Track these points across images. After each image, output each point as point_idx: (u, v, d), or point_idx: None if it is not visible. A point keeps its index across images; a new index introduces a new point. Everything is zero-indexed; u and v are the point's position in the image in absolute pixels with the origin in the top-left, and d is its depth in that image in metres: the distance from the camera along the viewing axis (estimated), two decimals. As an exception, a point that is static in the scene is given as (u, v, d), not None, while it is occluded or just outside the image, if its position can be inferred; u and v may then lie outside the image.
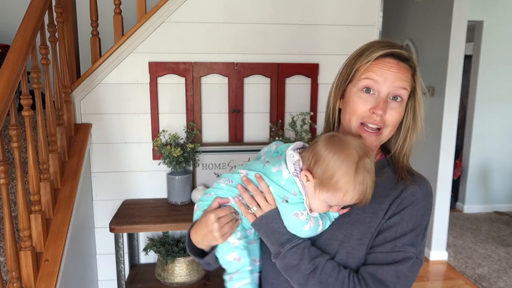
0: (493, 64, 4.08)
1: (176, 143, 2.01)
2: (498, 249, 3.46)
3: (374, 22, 2.15)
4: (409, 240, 0.82)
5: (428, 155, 3.26)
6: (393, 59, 0.86)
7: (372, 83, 0.85)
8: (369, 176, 0.80)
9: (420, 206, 0.85)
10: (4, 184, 1.32)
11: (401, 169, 0.89)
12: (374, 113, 0.84)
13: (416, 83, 0.89)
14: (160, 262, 2.01)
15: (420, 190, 0.86)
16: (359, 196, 0.80)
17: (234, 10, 2.07)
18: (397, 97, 0.85)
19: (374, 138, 0.86)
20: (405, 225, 0.83)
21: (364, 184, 0.79)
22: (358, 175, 0.78)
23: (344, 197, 0.80)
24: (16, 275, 1.39)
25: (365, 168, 0.79)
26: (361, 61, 0.87)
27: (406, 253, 0.82)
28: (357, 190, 0.79)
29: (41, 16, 1.61)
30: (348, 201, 0.81)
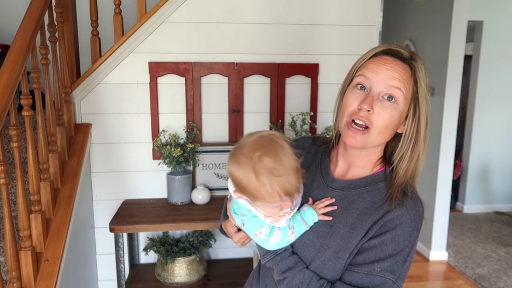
0: (493, 64, 4.08)
1: (176, 143, 2.01)
2: (498, 249, 3.46)
3: (374, 22, 2.15)
4: (388, 266, 0.79)
5: (428, 155, 3.23)
6: (389, 57, 0.82)
7: (364, 80, 0.82)
8: (273, 172, 0.75)
9: (403, 231, 0.80)
10: (4, 184, 1.32)
11: (395, 186, 0.83)
12: (361, 109, 0.80)
13: (418, 86, 0.82)
14: (160, 262, 2.01)
15: (407, 213, 0.80)
16: (281, 193, 0.77)
17: (234, 10, 2.07)
18: (391, 98, 0.80)
19: (360, 136, 0.81)
20: (385, 249, 0.79)
21: (272, 183, 0.76)
22: (260, 178, 0.76)
23: (269, 200, 0.78)
24: (16, 275, 1.39)
25: (264, 168, 0.75)
26: (360, 60, 0.86)
27: (383, 278, 0.78)
28: (272, 191, 0.76)
29: (41, 16, 1.61)
30: (277, 200, 0.78)
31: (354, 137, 0.82)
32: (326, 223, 0.86)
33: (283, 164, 0.77)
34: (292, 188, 0.78)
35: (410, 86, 0.82)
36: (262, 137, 0.80)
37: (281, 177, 0.76)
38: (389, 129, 0.82)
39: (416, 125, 0.83)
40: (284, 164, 0.77)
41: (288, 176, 0.77)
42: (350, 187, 0.88)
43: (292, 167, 0.77)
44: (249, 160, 0.76)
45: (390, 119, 0.80)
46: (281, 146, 0.79)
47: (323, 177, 0.93)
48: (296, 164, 0.78)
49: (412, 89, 0.82)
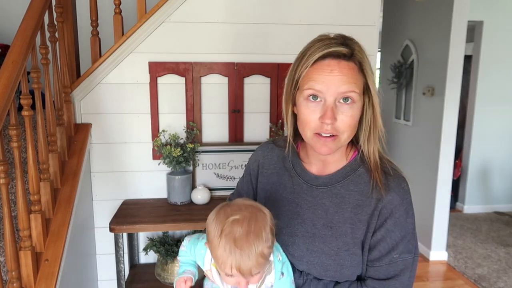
0: (493, 64, 4.08)
1: (176, 143, 2.01)
2: (498, 249, 3.46)
3: (374, 22, 2.15)
4: (403, 248, 0.84)
5: (428, 155, 3.26)
6: (333, 60, 0.79)
7: (315, 92, 0.79)
8: (236, 243, 0.75)
9: (400, 212, 0.84)
10: (4, 184, 1.32)
11: (374, 170, 0.85)
12: (323, 123, 0.79)
13: (367, 76, 0.82)
14: (160, 262, 2.01)
15: (396, 195, 0.84)
16: (233, 266, 0.76)
17: (234, 10, 2.07)
18: (347, 99, 0.79)
19: (332, 143, 0.81)
20: (394, 236, 0.84)
21: (229, 251, 0.75)
22: (222, 240, 0.76)
23: (220, 266, 0.79)
24: (16, 275, 1.39)
25: (230, 233, 0.76)
26: (301, 66, 0.82)
27: (404, 261, 0.84)
28: (225, 258, 0.76)
29: (41, 16, 1.60)
30: (227, 271, 0.78)
31: (326, 145, 0.82)
32: (326, 226, 0.87)
33: (250, 242, 0.75)
34: (245, 269, 0.76)
35: (361, 81, 0.81)
36: (253, 208, 0.80)
37: (240, 251, 0.75)
38: (354, 128, 0.83)
39: (372, 110, 0.84)
40: (250, 243, 0.75)
41: (248, 255, 0.75)
42: (333, 181, 0.89)
43: (257, 252, 0.76)
44: (224, 218, 0.77)
45: (353, 119, 0.81)
46: (262, 228, 0.78)
47: (303, 179, 0.93)
48: (263, 252, 0.77)
49: (363, 81, 0.82)
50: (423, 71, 3.35)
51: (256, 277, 0.80)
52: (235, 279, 0.80)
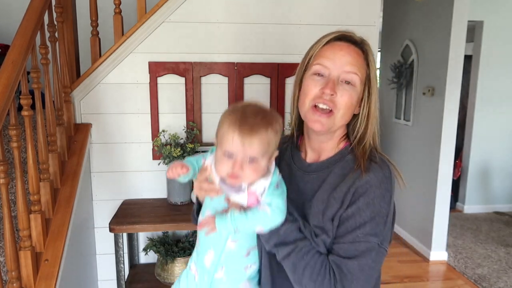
0: (493, 64, 4.08)
1: (176, 143, 2.01)
2: (498, 249, 3.45)
3: (374, 22, 2.15)
4: (370, 230, 0.82)
5: (428, 155, 3.26)
6: (344, 42, 0.87)
7: (322, 68, 0.86)
8: (238, 111, 0.81)
9: (375, 193, 0.83)
10: (4, 184, 1.32)
11: (361, 157, 0.87)
12: (324, 93, 0.84)
13: (370, 68, 0.88)
14: (160, 262, 2.01)
15: (374, 177, 0.84)
16: (234, 134, 0.78)
17: (234, 10, 2.07)
18: (349, 82, 0.85)
19: (326, 119, 0.85)
20: (363, 214, 0.82)
21: (234, 117, 0.80)
22: (230, 115, 0.80)
23: (220, 141, 0.81)
24: (15, 275, 1.39)
25: (239, 111, 0.81)
26: (314, 48, 0.89)
27: (368, 243, 0.81)
28: (228, 121, 0.80)
29: (41, 16, 1.61)
30: (228, 140, 0.79)
31: (319, 121, 0.85)
32: (306, 205, 0.88)
33: (258, 119, 0.79)
34: (247, 139, 0.78)
35: (364, 69, 0.87)
36: (272, 111, 0.85)
37: (246, 123, 0.78)
38: (350, 110, 0.87)
39: (368, 104, 0.88)
40: (258, 120, 0.79)
41: (252, 128, 0.78)
42: (323, 167, 0.91)
43: (263, 129, 0.79)
44: (236, 105, 0.84)
45: (351, 101, 0.85)
46: (273, 116, 0.82)
47: (297, 166, 0.96)
48: (268, 133, 0.80)
49: (366, 72, 0.87)
50: (423, 71, 3.35)
51: (251, 167, 0.80)
52: (231, 163, 0.80)
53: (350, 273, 0.80)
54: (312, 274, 0.81)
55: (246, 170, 0.80)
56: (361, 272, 0.80)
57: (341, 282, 0.79)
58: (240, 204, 0.84)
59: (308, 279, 0.81)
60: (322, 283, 0.80)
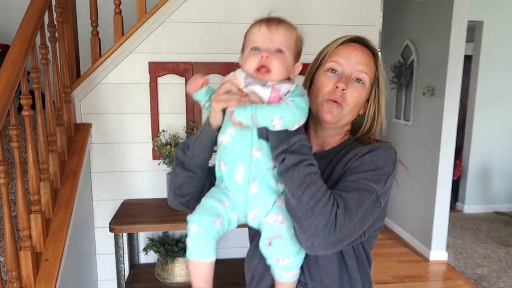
0: (493, 64, 4.08)
1: (176, 143, 2.01)
2: (498, 249, 3.46)
3: (374, 22, 2.15)
4: (372, 177, 0.83)
5: (428, 155, 3.26)
6: (357, 44, 0.95)
7: (336, 65, 0.92)
8: (264, 18, 0.94)
9: (380, 153, 0.87)
10: (4, 184, 1.32)
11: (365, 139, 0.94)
12: (337, 88, 0.89)
13: (379, 71, 0.94)
14: (160, 262, 2.01)
15: (378, 145, 0.90)
16: (257, 22, 0.92)
17: (234, 10, 2.07)
18: (359, 80, 0.91)
19: (336, 109, 0.89)
20: (366, 166, 0.85)
21: (263, 21, 0.93)
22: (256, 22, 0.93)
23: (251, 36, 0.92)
24: (16, 275, 1.39)
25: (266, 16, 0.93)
26: (329, 47, 0.97)
27: (368, 186, 0.82)
28: (254, 24, 0.92)
29: (41, 16, 1.61)
30: (255, 32, 0.92)
31: (331, 112, 0.89)
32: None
33: (283, 19, 0.91)
34: (249, 33, 0.93)
35: (373, 71, 0.93)
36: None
37: (272, 18, 0.90)
38: (357, 107, 0.92)
39: (376, 106, 0.94)
40: (283, 19, 0.92)
41: (278, 20, 0.91)
42: (329, 154, 0.95)
43: (288, 23, 0.94)
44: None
45: (359, 98, 0.91)
46: (296, 30, 0.96)
47: None
48: (293, 27, 0.94)
49: (375, 73, 0.94)
50: (423, 71, 3.35)
51: (278, 57, 0.85)
52: (258, 56, 0.84)
53: (349, 203, 0.79)
54: (316, 192, 0.78)
55: (274, 59, 0.84)
56: (359, 206, 0.80)
57: (342, 209, 0.78)
58: (261, 99, 0.83)
59: (310, 196, 0.78)
60: (325, 204, 0.77)
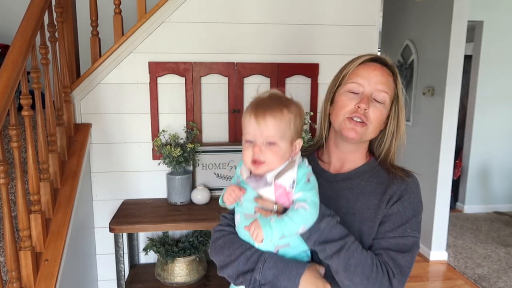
0: (493, 64, 4.08)
1: (176, 143, 2.01)
2: (498, 249, 3.46)
3: (374, 22, 2.15)
4: (415, 226, 0.90)
5: (428, 155, 3.26)
6: (377, 64, 0.96)
7: (357, 86, 0.94)
8: (256, 97, 0.88)
9: (415, 194, 0.93)
10: (4, 184, 1.32)
11: (393, 168, 0.97)
12: (359, 107, 0.91)
13: (398, 88, 0.97)
14: (160, 262, 2.01)
15: (412, 182, 0.94)
16: (248, 108, 0.86)
17: (234, 10, 2.07)
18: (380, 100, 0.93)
19: (360, 128, 0.92)
20: (407, 212, 0.90)
21: (251, 103, 0.87)
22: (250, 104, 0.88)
23: (244, 127, 0.87)
24: (15, 275, 1.39)
25: (259, 97, 0.88)
26: (349, 66, 0.98)
27: (415, 238, 0.89)
28: (247, 108, 0.87)
29: (41, 16, 1.60)
30: (246, 122, 0.86)
31: (354, 129, 0.92)
32: (348, 213, 0.92)
33: (273, 100, 0.86)
34: (243, 119, 0.86)
35: (393, 89, 0.96)
36: (291, 98, 0.91)
37: (262, 103, 0.85)
38: (379, 125, 0.95)
39: (396, 121, 0.97)
40: (273, 100, 0.86)
41: (267, 105, 0.84)
42: (353, 176, 0.97)
43: (277, 107, 0.84)
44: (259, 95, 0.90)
45: (381, 116, 0.94)
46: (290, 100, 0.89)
47: (321, 177, 0.98)
48: (284, 109, 0.84)
49: (394, 91, 0.96)
50: (423, 71, 3.35)
51: (271, 150, 0.83)
52: (251, 149, 0.84)
53: (404, 266, 0.86)
54: (364, 270, 0.83)
55: (266, 152, 0.84)
56: (410, 266, 0.87)
57: (398, 276, 0.84)
58: (270, 201, 0.85)
59: (360, 277, 0.83)
60: (376, 279, 0.83)
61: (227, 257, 0.92)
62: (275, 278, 0.85)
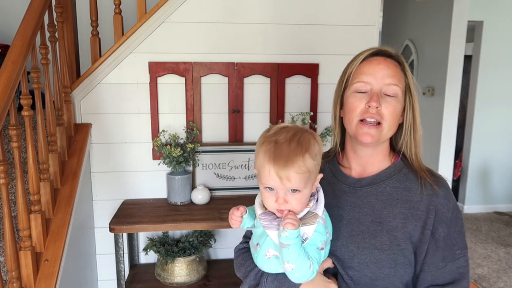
0: (493, 64, 4.08)
1: (176, 143, 2.01)
2: (498, 249, 3.46)
3: (374, 22, 2.15)
4: (461, 243, 0.86)
5: (428, 155, 3.26)
6: (380, 57, 0.90)
7: (363, 85, 0.88)
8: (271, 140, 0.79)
9: (454, 207, 0.88)
10: (4, 184, 1.32)
11: (420, 170, 0.91)
12: (369, 107, 0.86)
13: (408, 77, 0.91)
14: (160, 262, 2.01)
15: (446, 190, 0.89)
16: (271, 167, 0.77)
17: (234, 10, 2.07)
18: (390, 95, 0.87)
19: (375, 130, 0.86)
20: (453, 231, 0.86)
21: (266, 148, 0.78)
22: (263, 145, 0.80)
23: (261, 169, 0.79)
24: (16, 275, 1.39)
25: (273, 139, 0.79)
26: (351, 66, 0.92)
27: (465, 256, 0.86)
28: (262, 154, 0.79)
29: (41, 16, 1.60)
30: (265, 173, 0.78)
31: (369, 133, 0.86)
32: (374, 222, 0.87)
33: (293, 145, 0.76)
34: (283, 171, 0.76)
35: (403, 79, 0.90)
36: (306, 131, 0.82)
37: (281, 151, 0.76)
38: (396, 120, 0.89)
39: (412, 112, 0.90)
40: (292, 146, 0.76)
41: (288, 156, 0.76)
42: (378, 180, 0.91)
43: (298, 156, 0.76)
44: (270, 131, 0.82)
45: (395, 111, 0.87)
46: (308, 139, 0.79)
47: (344, 183, 0.95)
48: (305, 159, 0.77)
49: (404, 81, 0.90)
50: (423, 71, 3.35)
51: (295, 198, 0.78)
52: (274, 196, 0.78)
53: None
54: None
55: (291, 200, 0.79)
56: (468, 284, 0.85)
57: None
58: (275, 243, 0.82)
59: None
60: None
61: (243, 273, 0.96)
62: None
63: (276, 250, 0.83)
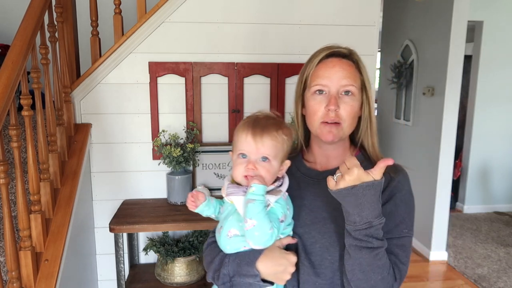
0: (493, 64, 4.08)
1: (176, 143, 2.01)
2: (498, 249, 3.46)
3: (374, 22, 2.15)
4: (409, 224, 0.91)
5: (428, 155, 3.26)
6: (335, 58, 0.94)
7: (321, 87, 0.93)
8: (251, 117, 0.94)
9: (406, 191, 0.93)
10: (4, 184, 1.32)
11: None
12: (329, 110, 0.91)
13: (363, 75, 0.95)
14: (160, 262, 2.01)
15: (403, 178, 0.94)
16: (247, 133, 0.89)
17: (234, 10, 2.07)
18: (348, 92, 0.92)
19: (335, 129, 0.92)
20: (400, 210, 0.90)
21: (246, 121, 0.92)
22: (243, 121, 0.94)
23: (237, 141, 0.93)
24: (16, 275, 1.39)
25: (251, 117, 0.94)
26: (309, 67, 0.97)
27: (410, 237, 0.91)
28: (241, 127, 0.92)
29: (41, 16, 1.61)
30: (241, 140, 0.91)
31: (330, 132, 0.92)
32: (336, 209, 0.90)
33: (268, 120, 0.90)
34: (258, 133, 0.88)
35: (358, 78, 0.94)
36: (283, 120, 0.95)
37: (257, 121, 0.90)
38: (354, 118, 0.95)
39: (368, 106, 0.96)
40: (268, 120, 0.90)
41: (263, 124, 0.89)
42: None
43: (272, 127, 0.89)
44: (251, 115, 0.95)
45: (353, 110, 0.93)
46: (283, 121, 0.92)
47: (308, 176, 1.01)
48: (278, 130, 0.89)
49: (360, 79, 0.95)
50: (423, 71, 3.35)
51: (264, 166, 0.88)
52: (245, 163, 0.89)
53: (403, 264, 0.88)
54: (383, 271, 0.85)
55: (260, 168, 0.88)
56: (408, 265, 0.89)
57: (399, 280, 0.87)
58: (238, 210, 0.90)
59: (378, 276, 0.85)
60: (388, 280, 0.85)
61: (208, 262, 0.98)
62: (238, 267, 0.90)
63: (237, 228, 0.90)
